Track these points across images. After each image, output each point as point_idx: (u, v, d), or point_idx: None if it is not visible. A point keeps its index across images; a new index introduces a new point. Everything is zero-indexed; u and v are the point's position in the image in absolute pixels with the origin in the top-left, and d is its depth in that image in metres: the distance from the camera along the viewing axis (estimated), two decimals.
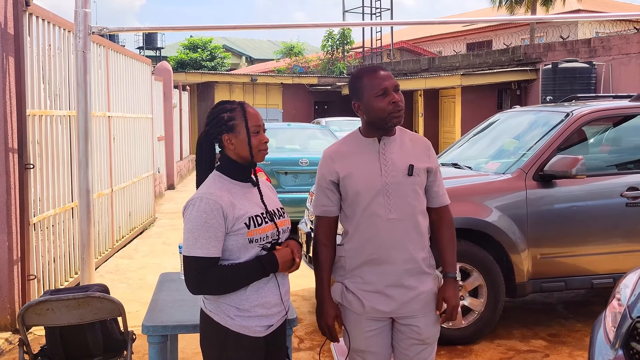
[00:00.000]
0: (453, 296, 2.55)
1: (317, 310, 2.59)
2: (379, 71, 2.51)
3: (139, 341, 3.45)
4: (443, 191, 2.61)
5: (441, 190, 2.60)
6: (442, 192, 2.61)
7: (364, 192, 2.47)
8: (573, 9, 29.06)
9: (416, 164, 2.50)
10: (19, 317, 2.94)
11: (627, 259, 4.69)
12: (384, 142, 2.52)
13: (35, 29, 5.10)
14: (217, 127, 2.28)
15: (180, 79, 20.58)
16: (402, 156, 2.50)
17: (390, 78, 2.49)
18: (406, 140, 2.57)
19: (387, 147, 2.51)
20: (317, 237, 2.61)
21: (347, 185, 2.50)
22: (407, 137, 2.59)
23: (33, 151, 5.00)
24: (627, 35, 17.05)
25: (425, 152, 2.56)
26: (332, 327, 2.55)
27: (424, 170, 2.52)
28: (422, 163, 2.52)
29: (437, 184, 2.59)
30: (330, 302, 2.55)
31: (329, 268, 2.57)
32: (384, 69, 2.54)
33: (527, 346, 4.63)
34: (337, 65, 29.45)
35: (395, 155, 2.50)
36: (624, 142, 5.55)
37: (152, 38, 47.63)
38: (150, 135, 9.99)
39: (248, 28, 6.53)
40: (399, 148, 2.52)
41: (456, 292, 2.57)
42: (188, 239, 2.18)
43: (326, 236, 2.59)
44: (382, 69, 2.54)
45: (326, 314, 2.54)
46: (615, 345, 2.68)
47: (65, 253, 5.75)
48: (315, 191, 2.61)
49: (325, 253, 2.58)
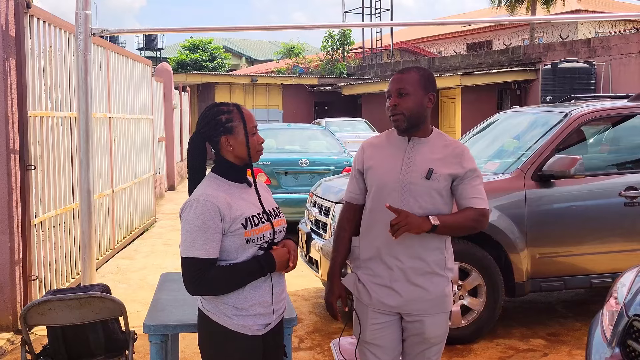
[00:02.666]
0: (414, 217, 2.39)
1: (326, 287, 2.75)
2: (396, 74, 2.59)
3: (140, 341, 3.48)
4: (474, 194, 2.50)
5: (470, 193, 2.50)
6: (471, 195, 2.50)
7: (381, 186, 2.55)
8: (573, 9, 29.08)
9: (439, 169, 2.49)
10: (21, 317, 2.96)
11: (626, 259, 4.70)
12: (414, 142, 2.57)
13: (36, 30, 5.12)
14: (215, 129, 2.29)
15: (181, 79, 20.62)
16: (427, 159, 2.52)
17: (397, 82, 2.54)
18: (439, 144, 2.57)
19: (415, 147, 2.56)
20: (339, 220, 2.75)
21: (368, 177, 2.61)
22: (442, 142, 2.58)
23: (34, 152, 5.03)
24: (627, 35, 17.07)
25: (455, 159, 2.53)
26: (334, 305, 2.68)
27: (446, 176, 2.49)
28: (447, 169, 2.50)
29: (465, 187, 2.50)
30: (337, 282, 2.69)
31: (344, 251, 2.70)
32: (405, 71, 2.56)
33: (527, 345, 4.65)
34: (337, 66, 29.46)
35: (421, 156, 2.53)
36: (623, 142, 5.56)
37: (153, 39, 47.71)
38: (150, 136, 10.02)
39: (248, 29, 6.56)
40: (428, 150, 2.55)
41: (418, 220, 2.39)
42: (186, 240, 2.20)
43: (348, 221, 2.71)
44: (404, 71, 2.57)
45: (331, 292, 2.69)
46: (612, 344, 2.70)
47: (67, 254, 5.78)
48: (349, 178, 2.75)
49: (343, 237, 2.70)
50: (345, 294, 2.71)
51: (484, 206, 2.52)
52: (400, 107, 2.51)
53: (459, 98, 19.77)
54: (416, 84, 2.53)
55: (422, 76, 2.56)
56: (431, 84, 2.58)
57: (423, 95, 2.54)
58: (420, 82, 2.54)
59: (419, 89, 2.53)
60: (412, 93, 2.51)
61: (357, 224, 2.69)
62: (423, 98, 2.54)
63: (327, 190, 5.35)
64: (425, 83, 2.55)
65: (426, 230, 2.43)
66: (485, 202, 2.54)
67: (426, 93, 2.55)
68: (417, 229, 2.41)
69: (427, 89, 2.55)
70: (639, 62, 16.23)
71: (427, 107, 2.56)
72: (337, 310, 2.70)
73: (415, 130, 2.56)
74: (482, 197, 2.53)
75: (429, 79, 2.57)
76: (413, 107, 2.51)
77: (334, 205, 4.97)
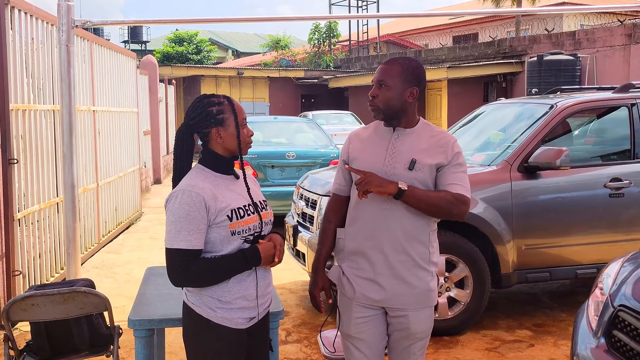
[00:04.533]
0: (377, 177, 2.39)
1: (310, 279, 2.74)
2: (383, 64, 2.57)
3: (126, 335, 3.44)
4: (453, 181, 2.44)
5: (450, 180, 2.44)
6: (450, 181, 2.44)
7: None
8: (558, 1, 29.21)
9: (423, 159, 2.45)
10: (4, 312, 2.92)
11: (611, 249, 4.74)
12: (398, 133, 2.53)
13: (17, 22, 5.04)
14: (205, 120, 2.26)
15: (166, 72, 20.48)
16: (411, 149, 2.48)
17: (379, 72, 2.52)
18: (425, 135, 2.53)
19: (400, 138, 2.52)
20: (325, 212, 2.74)
21: (353, 167, 2.58)
22: (428, 133, 2.54)
23: (17, 146, 4.96)
24: (611, 28, 17.18)
25: (440, 149, 2.48)
26: (317, 297, 2.68)
27: (429, 166, 2.45)
28: (431, 159, 2.46)
29: (445, 174, 2.46)
30: (321, 274, 2.69)
31: (329, 244, 2.69)
32: (392, 62, 2.53)
33: (513, 336, 4.67)
34: (324, 59, 29.40)
35: (404, 147, 2.50)
36: (608, 134, 5.59)
37: (138, 32, 47.34)
38: (136, 129, 9.93)
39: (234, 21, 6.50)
40: (412, 141, 2.51)
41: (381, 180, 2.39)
42: (170, 231, 2.18)
43: (333, 213, 2.70)
44: (390, 61, 2.53)
45: (314, 284, 2.69)
46: (597, 334, 2.71)
47: (51, 248, 5.72)
48: (336, 169, 2.74)
49: (328, 229, 2.69)
50: (329, 286, 2.71)
51: (464, 192, 2.45)
52: (377, 100, 2.49)
53: (446, 90, 19.82)
54: (397, 77, 2.46)
55: (405, 69, 2.48)
56: (415, 78, 2.49)
57: (402, 89, 2.47)
58: (402, 76, 2.47)
59: (400, 82, 2.46)
60: (392, 86, 2.46)
61: (343, 216, 2.67)
62: (403, 92, 2.47)
63: (313, 183, 5.33)
64: (408, 77, 2.47)
65: (391, 193, 2.37)
66: (466, 189, 2.46)
67: (407, 87, 2.47)
68: (380, 187, 2.37)
69: (409, 83, 2.48)
70: (623, 54, 16.35)
71: (407, 101, 2.48)
72: (321, 302, 2.69)
73: (397, 121, 2.52)
74: (462, 184, 2.46)
75: (413, 72, 2.49)
76: (389, 101, 2.47)
77: (321, 198, 4.96)
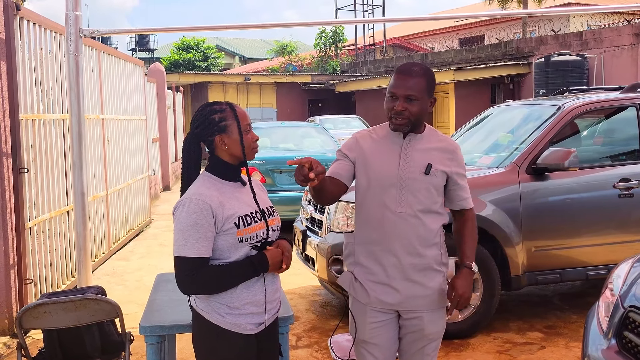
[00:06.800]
0: (462, 285, 2.52)
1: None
2: (404, 74, 2.50)
3: (137, 342, 3.46)
4: (466, 196, 2.64)
5: (463, 194, 2.63)
6: (464, 196, 2.63)
7: (377, 181, 2.53)
8: (565, 2, 29.12)
9: (436, 164, 2.54)
10: (17, 320, 2.94)
11: (621, 250, 4.71)
12: (409, 139, 2.57)
13: (26, 32, 5.10)
14: (209, 128, 2.28)
15: (174, 79, 20.58)
16: (424, 155, 2.54)
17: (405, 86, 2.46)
18: (433, 140, 2.60)
19: (411, 143, 2.56)
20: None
21: (362, 169, 2.57)
22: (436, 138, 2.62)
23: (27, 155, 5.01)
24: (619, 28, 17.10)
25: (448, 156, 2.58)
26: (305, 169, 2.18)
27: (442, 172, 2.54)
28: (442, 166, 2.55)
29: (458, 188, 2.61)
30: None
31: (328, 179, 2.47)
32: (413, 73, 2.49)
33: (524, 338, 4.65)
34: (331, 63, 29.43)
35: (417, 152, 2.55)
36: (616, 134, 5.57)
37: (145, 39, 47.57)
38: (144, 136, 9.99)
39: (241, 27, 6.55)
40: (423, 147, 2.57)
41: (467, 282, 2.54)
42: (178, 239, 2.20)
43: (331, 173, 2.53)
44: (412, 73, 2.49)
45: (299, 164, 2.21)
46: (608, 335, 2.70)
47: (62, 256, 5.76)
48: (333, 162, 2.63)
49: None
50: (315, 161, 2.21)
51: (472, 204, 2.68)
52: (408, 113, 2.50)
53: (453, 93, 19.78)
54: (424, 90, 2.52)
55: (428, 82, 2.54)
56: (433, 88, 2.59)
57: (427, 100, 2.55)
58: (427, 89, 2.53)
59: (425, 95, 2.53)
60: (420, 99, 2.51)
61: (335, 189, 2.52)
62: (427, 103, 2.55)
63: None
64: (430, 89, 2.56)
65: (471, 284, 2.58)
66: (470, 198, 2.68)
67: (429, 98, 2.56)
68: (470, 288, 2.55)
69: (431, 94, 2.57)
70: (631, 54, 16.27)
71: (427, 111, 2.58)
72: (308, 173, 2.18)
73: (412, 129, 2.57)
74: (469, 195, 2.67)
75: (433, 83, 2.57)
76: (418, 113, 2.52)
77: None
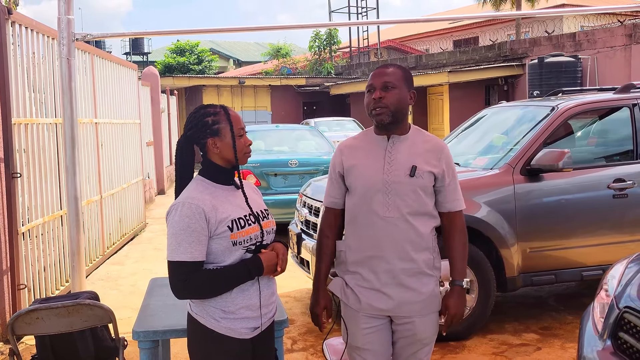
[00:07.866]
0: (455, 305, 2.51)
1: (311, 297, 2.67)
2: (379, 69, 2.56)
3: (131, 347, 3.44)
4: (455, 197, 2.55)
5: (451, 196, 2.54)
6: (452, 197, 2.55)
7: (364, 187, 2.51)
8: (558, 3, 29.21)
9: (421, 165, 2.47)
10: (9, 326, 2.92)
11: (616, 250, 4.72)
12: (393, 141, 2.53)
13: (18, 37, 5.07)
14: (202, 131, 2.27)
15: (168, 83, 20.54)
16: (408, 156, 2.49)
17: (381, 75, 2.51)
18: (418, 141, 2.55)
19: (395, 145, 2.52)
20: (320, 228, 2.71)
21: (349, 178, 2.56)
22: (421, 139, 2.56)
23: (20, 160, 4.98)
24: (612, 29, 17.16)
25: (435, 156, 2.51)
26: (319, 316, 2.61)
27: (429, 173, 2.48)
28: (428, 166, 2.48)
29: (446, 189, 2.53)
30: (323, 292, 2.63)
31: (328, 260, 2.64)
32: (388, 67, 2.54)
33: (519, 340, 4.65)
34: (325, 66, 29.44)
35: (402, 154, 2.50)
36: (610, 134, 5.58)
37: (139, 43, 47.48)
38: (138, 140, 9.96)
39: (235, 31, 6.53)
40: (408, 148, 2.52)
41: (460, 301, 2.52)
42: (171, 243, 2.18)
43: (329, 228, 2.66)
44: (387, 66, 2.55)
45: (316, 302, 2.62)
46: (603, 336, 2.70)
47: (56, 261, 5.73)
48: (327, 182, 2.69)
49: (326, 244, 2.65)
50: (330, 305, 2.64)
51: (463, 205, 2.60)
52: (385, 100, 2.47)
53: (447, 95, 19.82)
54: (401, 79, 2.51)
55: (405, 73, 2.55)
56: (411, 83, 2.57)
57: (406, 91, 2.53)
58: (404, 78, 2.53)
59: (403, 84, 2.52)
60: (398, 87, 2.49)
61: (339, 229, 2.65)
62: (406, 94, 2.53)
63: (316, 191, 5.33)
64: (408, 80, 2.55)
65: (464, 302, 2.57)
66: (462, 200, 2.61)
67: (409, 89, 2.54)
68: (463, 306, 2.54)
69: (410, 87, 2.55)
70: (624, 54, 16.33)
71: (408, 104, 2.55)
72: (323, 322, 2.63)
73: (396, 127, 2.53)
74: (460, 197, 2.60)
75: (408, 76, 2.57)
76: (397, 102, 2.49)
77: (324, 205, 4.95)
